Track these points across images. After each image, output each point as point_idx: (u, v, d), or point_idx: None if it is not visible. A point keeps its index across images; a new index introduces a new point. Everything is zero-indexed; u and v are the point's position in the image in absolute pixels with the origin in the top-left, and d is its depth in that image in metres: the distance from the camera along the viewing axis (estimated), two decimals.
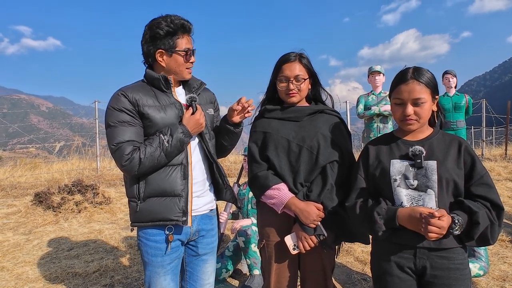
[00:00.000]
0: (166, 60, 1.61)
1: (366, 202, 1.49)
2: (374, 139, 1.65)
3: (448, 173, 1.40)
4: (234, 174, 7.66)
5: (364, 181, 1.55)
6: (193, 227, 1.66)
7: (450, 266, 1.39)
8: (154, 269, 1.61)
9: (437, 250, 1.39)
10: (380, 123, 4.41)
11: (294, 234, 1.68)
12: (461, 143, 1.46)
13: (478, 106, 10.19)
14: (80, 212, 4.95)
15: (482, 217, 1.33)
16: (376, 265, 1.55)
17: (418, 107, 1.44)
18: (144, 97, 1.57)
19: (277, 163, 1.71)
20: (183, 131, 1.55)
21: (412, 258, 1.42)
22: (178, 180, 1.58)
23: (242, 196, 3.17)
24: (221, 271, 2.89)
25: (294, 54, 1.75)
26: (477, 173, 1.41)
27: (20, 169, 8.36)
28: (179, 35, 1.59)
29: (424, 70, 1.47)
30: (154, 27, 1.57)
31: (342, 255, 3.43)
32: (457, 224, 1.30)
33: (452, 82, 4.83)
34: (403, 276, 1.44)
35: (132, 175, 1.53)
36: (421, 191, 1.41)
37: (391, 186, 1.45)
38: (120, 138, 1.50)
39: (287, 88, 1.73)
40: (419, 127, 1.48)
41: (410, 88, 1.43)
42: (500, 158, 9.08)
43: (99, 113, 8.86)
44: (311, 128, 1.74)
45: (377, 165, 1.52)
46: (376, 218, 1.41)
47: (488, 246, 3.06)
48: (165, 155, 1.52)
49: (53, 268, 3.26)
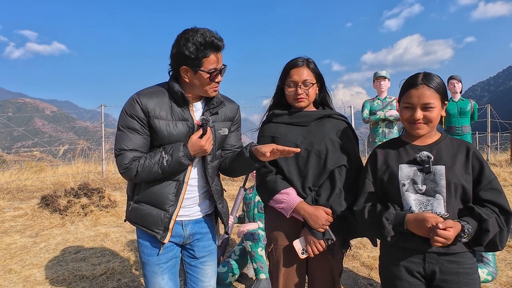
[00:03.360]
0: (190, 77, 1.55)
1: (374, 207, 1.50)
2: (382, 144, 1.66)
3: (456, 178, 1.40)
4: (239, 179, 7.67)
5: (372, 186, 1.56)
6: (187, 231, 1.68)
7: (460, 271, 1.39)
8: (151, 268, 1.65)
9: (446, 255, 1.40)
10: (385, 128, 4.41)
11: (303, 239, 1.69)
12: (469, 148, 1.47)
13: (483, 111, 10.16)
14: (86, 215, 4.98)
15: (492, 224, 1.34)
16: (385, 269, 1.55)
17: (428, 112, 1.45)
18: (158, 107, 1.54)
19: (285, 167, 1.73)
20: (184, 154, 1.53)
21: (421, 263, 1.42)
22: (170, 195, 1.59)
23: (248, 200, 3.18)
24: (227, 275, 2.89)
25: (301, 59, 1.76)
26: (486, 178, 1.41)
27: (26, 172, 8.42)
28: (206, 54, 1.50)
29: (434, 75, 1.48)
30: (181, 44, 1.49)
31: (348, 260, 3.43)
32: (466, 233, 1.31)
33: (457, 88, 4.83)
34: (413, 280, 1.44)
35: (129, 181, 1.62)
36: (430, 196, 1.42)
37: (400, 191, 1.46)
38: (124, 145, 1.53)
39: (295, 93, 1.74)
40: (428, 131, 1.49)
41: (420, 93, 1.45)
42: (506, 164, 9.03)
43: (105, 116, 8.93)
44: (319, 132, 1.75)
45: (385, 169, 1.53)
46: (384, 223, 1.42)
47: (495, 252, 3.05)
48: (162, 173, 1.54)
49: (61, 270, 3.28)
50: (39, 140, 11.09)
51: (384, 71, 4.57)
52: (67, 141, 12.81)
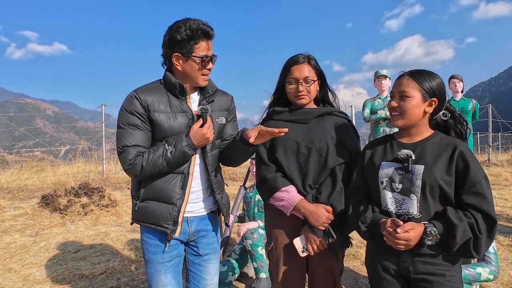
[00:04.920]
0: (182, 64, 1.58)
1: (359, 204, 1.54)
2: (374, 139, 1.66)
3: (433, 179, 1.35)
4: (239, 178, 7.67)
5: (360, 181, 1.58)
6: (192, 227, 1.67)
7: (435, 272, 1.37)
8: (155, 266, 1.64)
9: (419, 256, 1.38)
10: (386, 127, 4.40)
11: (303, 237, 1.67)
12: (456, 147, 1.38)
13: (485, 111, 10.13)
14: (87, 214, 4.97)
15: (462, 230, 1.27)
16: (368, 266, 1.59)
17: (402, 101, 1.43)
18: (157, 101, 1.56)
19: (285, 165, 1.71)
20: (188, 144, 1.53)
21: (396, 261, 1.44)
22: (177, 188, 1.59)
23: (248, 199, 3.17)
24: (227, 274, 2.88)
25: (302, 56, 1.75)
26: (470, 181, 1.32)
27: (26, 172, 8.43)
28: (197, 40, 1.55)
29: (426, 72, 1.46)
30: (173, 31, 1.54)
31: (349, 259, 3.41)
32: (429, 235, 1.29)
33: (458, 87, 4.82)
34: (389, 278, 1.46)
35: (134, 178, 1.59)
36: (405, 195, 1.40)
37: (379, 188, 1.47)
38: (127, 141, 1.52)
39: (296, 90, 1.73)
40: (404, 124, 1.45)
41: (399, 82, 1.46)
42: (507, 164, 9.00)
43: (106, 117, 8.93)
44: (320, 130, 1.74)
45: (370, 166, 1.54)
46: (360, 226, 1.48)
47: (497, 251, 3.03)
48: (167, 165, 1.53)
49: (60, 269, 3.27)
50: (40, 140, 11.10)
51: (385, 70, 4.56)
52: (68, 142, 12.83)
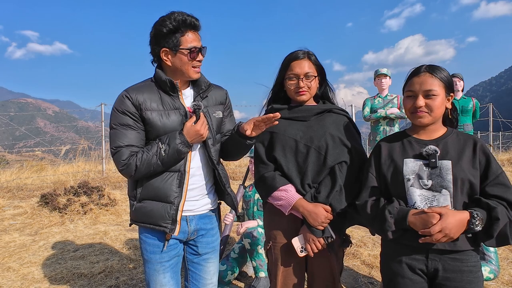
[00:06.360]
0: (171, 59, 1.55)
1: (377, 201, 1.47)
2: (386, 137, 1.62)
3: (463, 173, 1.37)
4: (239, 177, 7.65)
5: (375, 180, 1.52)
6: (191, 226, 1.65)
7: (463, 269, 1.36)
8: (153, 266, 1.62)
9: (449, 253, 1.37)
10: (386, 126, 4.38)
11: (302, 236, 1.66)
12: (477, 142, 1.43)
13: (485, 110, 10.12)
14: (86, 213, 4.96)
15: (501, 212, 1.30)
16: (386, 267, 1.52)
17: (430, 99, 1.41)
18: (149, 100, 1.54)
19: (284, 164, 1.69)
20: (181, 141, 1.51)
21: (424, 260, 1.40)
22: (173, 187, 1.57)
23: (248, 198, 3.16)
24: (226, 273, 2.87)
25: (302, 51, 1.72)
26: (493, 173, 1.38)
27: (26, 171, 8.42)
28: (183, 33, 1.52)
29: (439, 67, 1.46)
30: (158, 25, 1.52)
31: (349, 258, 3.40)
32: (477, 219, 1.27)
33: (459, 86, 4.79)
34: (415, 278, 1.41)
35: (129, 178, 1.57)
36: (436, 191, 1.38)
37: (404, 186, 1.43)
38: (120, 142, 1.51)
39: (296, 86, 1.70)
40: (431, 121, 1.45)
41: (422, 80, 1.42)
42: (508, 163, 8.99)
43: (105, 116, 8.93)
44: (319, 128, 1.71)
45: (389, 164, 1.49)
46: (387, 216, 1.39)
47: (498, 250, 3.01)
48: (161, 164, 1.51)
49: (59, 268, 3.26)
50: (41, 140, 11.10)
51: (385, 69, 4.54)
52: (69, 141, 12.84)
